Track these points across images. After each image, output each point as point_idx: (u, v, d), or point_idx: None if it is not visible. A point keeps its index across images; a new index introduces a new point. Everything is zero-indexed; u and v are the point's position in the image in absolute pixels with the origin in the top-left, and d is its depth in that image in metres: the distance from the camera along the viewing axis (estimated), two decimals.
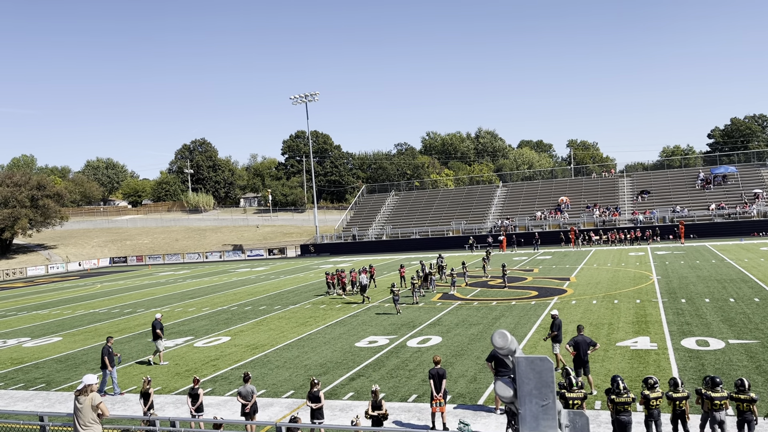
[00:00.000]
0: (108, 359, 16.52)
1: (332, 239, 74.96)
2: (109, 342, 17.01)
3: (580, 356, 13.63)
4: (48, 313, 35.08)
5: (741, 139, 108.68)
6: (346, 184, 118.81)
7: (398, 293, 25.95)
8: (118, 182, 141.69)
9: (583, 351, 13.64)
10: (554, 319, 15.74)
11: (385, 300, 29.97)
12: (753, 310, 21.51)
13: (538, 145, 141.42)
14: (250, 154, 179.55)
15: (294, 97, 77.20)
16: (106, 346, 16.78)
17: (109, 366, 16.48)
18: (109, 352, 16.64)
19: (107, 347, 16.76)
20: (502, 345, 3.95)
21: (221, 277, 50.86)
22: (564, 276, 34.80)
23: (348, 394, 14.80)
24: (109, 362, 16.51)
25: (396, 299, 25.78)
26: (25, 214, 76.99)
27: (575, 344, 13.69)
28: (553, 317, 15.79)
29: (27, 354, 22.89)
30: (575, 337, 13.87)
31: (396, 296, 25.78)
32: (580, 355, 13.63)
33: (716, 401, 10.01)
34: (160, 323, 19.47)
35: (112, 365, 16.55)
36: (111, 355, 16.65)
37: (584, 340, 13.78)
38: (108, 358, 16.52)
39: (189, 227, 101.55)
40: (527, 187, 76.64)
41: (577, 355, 13.66)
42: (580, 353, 13.64)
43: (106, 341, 17.07)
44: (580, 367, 13.64)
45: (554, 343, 15.58)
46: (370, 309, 27.48)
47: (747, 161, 73.95)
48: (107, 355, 16.56)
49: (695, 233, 56.90)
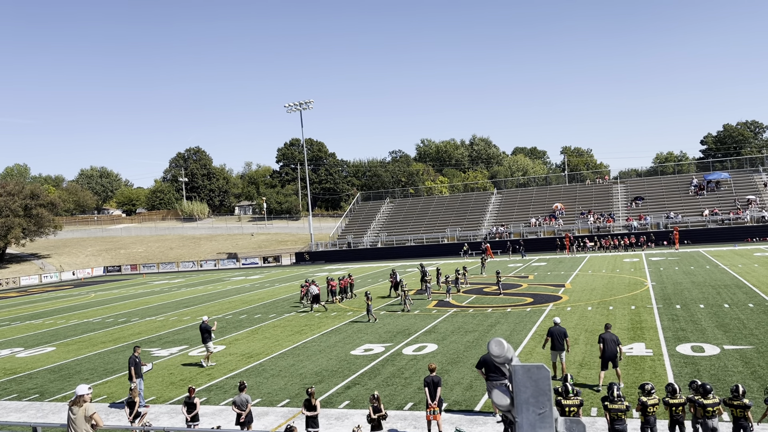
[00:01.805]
0: (135, 369, 15.66)
1: (327, 247, 74.87)
2: (136, 351, 16.16)
3: (606, 353, 14.16)
4: (42, 322, 34.86)
5: (734, 145, 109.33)
6: (340, 191, 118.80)
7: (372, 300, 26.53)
8: (112, 191, 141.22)
9: (610, 349, 14.14)
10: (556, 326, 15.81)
11: (380, 308, 29.91)
12: (747, 315, 21.58)
13: (533, 151, 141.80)
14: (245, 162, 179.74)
15: (288, 105, 77.28)
16: (133, 356, 15.92)
17: (134, 377, 15.58)
18: (136, 362, 15.80)
19: (134, 357, 15.90)
20: (499, 353, 3.95)
21: (216, 285, 50.70)
22: (559, 282, 34.84)
23: (344, 403, 14.75)
24: (135, 372, 15.64)
25: (370, 306, 26.05)
26: (19, 223, 76.58)
27: (603, 341, 14.25)
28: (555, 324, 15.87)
29: (20, 364, 22.72)
30: (603, 334, 14.42)
31: (370, 303, 26.10)
32: (606, 351, 14.15)
33: (709, 408, 10.01)
34: (208, 325, 19.72)
35: (138, 375, 15.66)
36: (138, 365, 15.81)
37: (611, 338, 14.30)
38: (135, 369, 15.67)
39: (183, 236, 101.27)
40: (522, 194, 76.83)
41: (604, 351, 14.17)
42: (606, 350, 14.16)
43: (133, 351, 16.24)
44: (608, 362, 14.18)
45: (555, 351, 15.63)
46: (366, 316, 27.41)
47: (740, 167, 74.41)
48: (134, 365, 15.72)
49: (689, 239, 57.12)
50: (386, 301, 31.91)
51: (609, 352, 14.09)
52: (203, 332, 19.73)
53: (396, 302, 30.90)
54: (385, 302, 31.66)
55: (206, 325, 19.80)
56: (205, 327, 19.76)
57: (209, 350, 19.79)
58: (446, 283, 31.69)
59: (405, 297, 28.39)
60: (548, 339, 15.38)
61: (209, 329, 19.80)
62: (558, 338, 15.23)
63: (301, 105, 76.71)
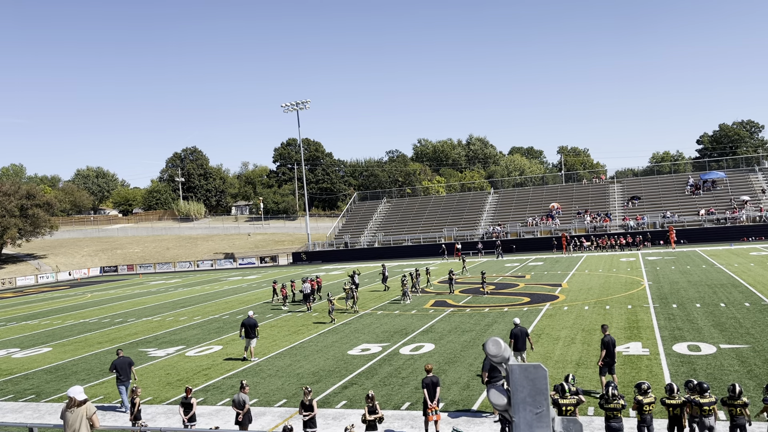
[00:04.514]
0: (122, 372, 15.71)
1: (324, 247, 74.84)
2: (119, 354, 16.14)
3: (611, 358, 13.86)
4: (38, 323, 34.77)
5: (729, 144, 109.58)
6: (337, 191, 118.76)
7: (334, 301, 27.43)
8: (108, 191, 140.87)
9: (613, 354, 13.88)
10: (517, 326, 15.80)
11: (377, 308, 29.94)
12: (743, 314, 21.64)
13: (529, 151, 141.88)
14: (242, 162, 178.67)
15: (285, 105, 77.24)
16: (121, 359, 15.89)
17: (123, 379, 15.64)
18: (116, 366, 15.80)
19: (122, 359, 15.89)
20: (496, 353, 3.95)
21: (213, 285, 50.63)
22: (556, 282, 34.89)
23: (341, 403, 14.74)
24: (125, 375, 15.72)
25: (332, 308, 26.59)
26: (15, 223, 76.34)
27: (607, 346, 13.92)
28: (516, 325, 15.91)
29: (16, 365, 22.66)
30: (606, 339, 14.03)
31: (332, 305, 26.67)
32: (610, 356, 13.86)
33: (705, 407, 10.04)
34: (253, 320, 20.24)
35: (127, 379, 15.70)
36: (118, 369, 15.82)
37: (612, 341, 14.04)
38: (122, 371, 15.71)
39: (180, 236, 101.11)
40: (518, 194, 76.91)
41: (607, 356, 13.85)
42: (610, 355, 13.86)
43: (117, 354, 16.23)
44: (609, 367, 13.88)
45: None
46: (363, 317, 27.42)
47: (736, 167, 74.57)
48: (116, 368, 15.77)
49: (685, 238, 57.25)
50: (383, 299, 31.86)
51: (613, 357, 13.86)
52: (250, 327, 20.17)
53: (391, 298, 30.89)
54: (381, 301, 31.64)
55: (253, 320, 20.33)
56: (252, 322, 20.28)
57: (251, 345, 20.34)
58: (406, 285, 31.65)
59: (405, 290, 30.11)
60: (512, 341, 15.44)
61: (256, 324, 20.40)
62: (520, 339, 15.45)
63: (297, 105, 76.66)
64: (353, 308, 29.01)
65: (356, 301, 29.22)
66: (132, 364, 15.96)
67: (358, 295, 34.39)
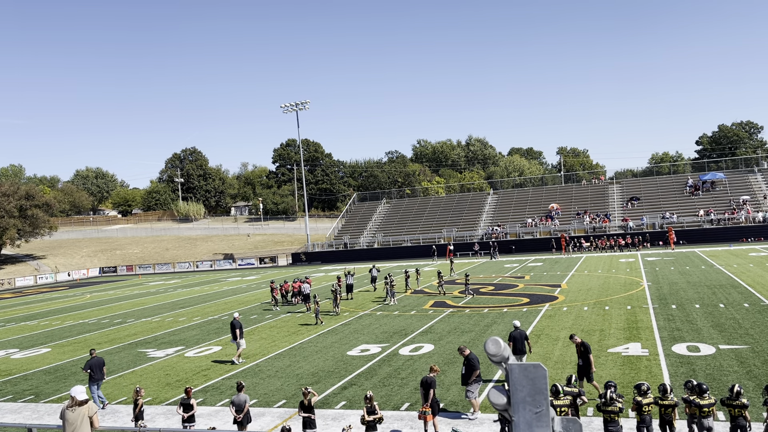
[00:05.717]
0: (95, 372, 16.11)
1: (323, 247, 74.82)
2: (93, 354, 16.60)
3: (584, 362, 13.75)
4: (37, 324, 34.74)
5: (728, 145, 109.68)
6: (337, 192, 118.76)
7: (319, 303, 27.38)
8: (107, 192, 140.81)
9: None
10: (516, 329, 15.81)
11: (376, 308, 29.93)
12: (743, 315, 21.65)
13: (529, 152, 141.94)
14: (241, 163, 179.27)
15: (284, 106, 77.24)
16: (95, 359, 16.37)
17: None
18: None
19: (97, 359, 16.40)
20: (495, 352, 3.94)
21: (212, 286, 50.61)
22: (555, 283, 34.89)
23: (340, 403, 14.74)
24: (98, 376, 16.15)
25: (318, 310, 26.68)
26: (14, 224, 76.30)
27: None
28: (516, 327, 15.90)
29: (15, 365, 22.64)
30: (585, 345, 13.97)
31: (318, 306, 26.73)
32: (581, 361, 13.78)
33: (704, 408, 10.05)
34: (239, 322, 20.13)
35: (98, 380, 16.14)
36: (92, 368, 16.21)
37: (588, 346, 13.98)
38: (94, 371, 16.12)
39: (179, 236, 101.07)
40: (518, 195, 76.92)
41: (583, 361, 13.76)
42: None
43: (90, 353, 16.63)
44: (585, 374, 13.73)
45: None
46: (362, 317, 27.42)
47: (735, 167, 74.61)
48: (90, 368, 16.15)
49: (684, 239, 57.26)
50: (381, 300, 31.86)
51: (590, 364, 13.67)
52: (235, 328, 20.11)
53: (380, 299, 30.90)
54: (380, 301, 31.64)
55: (236, 322, 20.23)
56: (236, 323, 20.21)
57: (241, 346, 20.25)
58: (394, 285, 31.72)
59: (390, 291, 30.56)
60: (510, 344, 15.36)
61: (240, 326, 20.27)
62: (519, 342, 15.44)
63: (297, 105, 76.67)
64: (335, 309, 28.88)
65: (338, 303, 28.96)
66: (104, 364, 16.55)
67: (351, 296, 34.46)
